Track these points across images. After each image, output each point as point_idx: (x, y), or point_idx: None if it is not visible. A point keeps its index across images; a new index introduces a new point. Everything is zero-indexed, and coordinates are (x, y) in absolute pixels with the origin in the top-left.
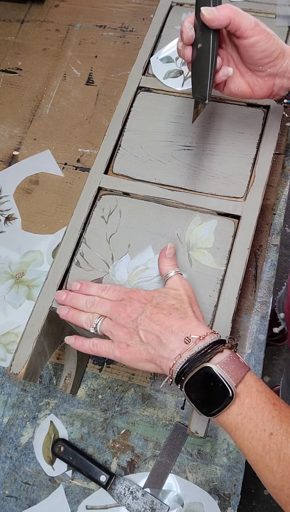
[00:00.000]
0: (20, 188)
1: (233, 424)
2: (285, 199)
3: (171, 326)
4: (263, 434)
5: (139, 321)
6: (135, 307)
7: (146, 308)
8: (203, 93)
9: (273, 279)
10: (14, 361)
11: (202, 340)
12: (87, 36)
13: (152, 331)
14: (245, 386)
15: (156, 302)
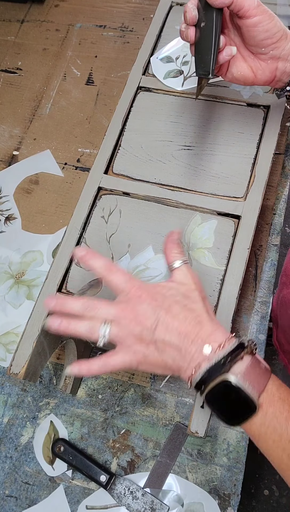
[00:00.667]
0: (20, 188)
1: (256, 434)
2: (285, 199)
3: (188, 333)
4: (288, 444)
5: (154, 330)
6: (147, 312)
7: (159, 313)
8: (206, 68)
9: (273, 279)
10: (14, 361)
11: (222, 349)
12: (87, 36)
13: (170, 341)
14: (267, 395)
15: (168, 305)
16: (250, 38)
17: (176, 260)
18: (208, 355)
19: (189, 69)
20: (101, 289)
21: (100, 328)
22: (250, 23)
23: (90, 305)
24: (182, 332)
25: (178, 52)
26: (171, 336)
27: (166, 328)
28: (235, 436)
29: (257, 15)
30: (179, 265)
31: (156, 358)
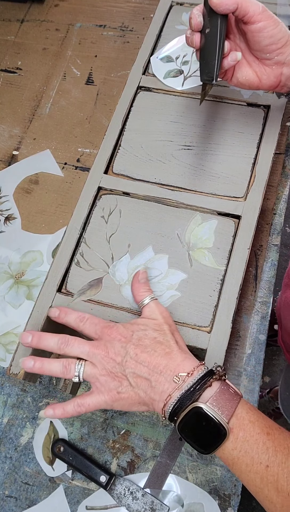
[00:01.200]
0: (19, 188)
1: (229, 459)
2: (285, 199)
3: (158, 365)
4: (260, 467)
5: (124, 364)
6: (117, 349)
7: (129, 348)
8: (210, 73)
9: (274, 279)
10: (14, 361)
11: (190, 376)
12: (87, 35)
13: (140, 374)
14: (237, 419)
15: (137, 338)
16: (255, 43)
17: (144, 298)
18: (177, 384)
19: (189, 69)
20: (101, 289)
21: (74, 367)
22: (255, 28)
23: (65, 341)
24: (151, 363)
25: (178, 51)
26: (141, 368)
27: (135, 361)
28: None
29: (262, 20)
30: (148, 302)
31: (129, 393)
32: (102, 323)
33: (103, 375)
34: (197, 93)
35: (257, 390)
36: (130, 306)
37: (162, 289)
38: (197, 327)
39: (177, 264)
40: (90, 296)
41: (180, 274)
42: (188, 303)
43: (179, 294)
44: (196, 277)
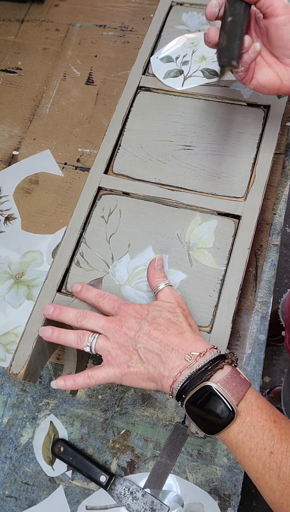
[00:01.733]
0: (20, 188)
1: (233, 442)
2: (285, 199)
3: (170, 343)
4: (263, 452)
5: (137, 338)
6: (131, 324)
7: (143, 324)
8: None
9: (274, 279)
10: (14, 361)
11: (202, 356)
12: (87, 35)
13: (152, 349)
14: (246, 403)
15: (152, 317)
16: (278, 38)
17: (159, 283)
18: (189, 363)
19: (189, 69)
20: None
21: (88, 338)
22: (279, 21)
23: (82, 315)
24: (163, 341)
25: (178, 51)
26: (153, 344)
27: (148, 337)
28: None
29: (286, 14)
30: (163, 287)
31: (139, 368)
32: (120, 300)
33: (114, 348)
34: (198, 93)
35: (257, 390)
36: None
37: None
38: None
39: (177, 264)
40: None
41: (180, 274)
42: (188, 303)
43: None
44: (196, 277)
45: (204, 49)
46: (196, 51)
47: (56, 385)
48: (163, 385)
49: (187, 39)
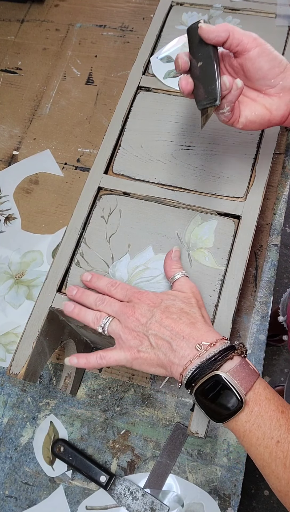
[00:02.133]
0: (20, 188)
1: (241, 431)
2: (285, 199)
3: (181, 331)
4: (270, 441)
5: (148, 325)
6: (144, 310)
7: (155, 312)
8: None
9: (273, 279)
10: (14, 361)
11: (213, 346)
12: (87, 35)
13: (162, 336)
14: (254, 394)
15: (165, 306)
16: (257, 71)
17: (176, 273)
18: (199, 352)
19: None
20: None
21: (103, 319)
22: (253, 55)
23: (101, 299)
24: (174, 329)
25: (178, 51)
26: (164, 331)
27: (160, 324)
28: (235, 436)
29: (258, 45)
30: (179, 277)
31: (149, 353)
32: (133, 288)
33: (125, 333)
34: None
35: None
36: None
37: (162, 289)
38: None
39: None
40: None
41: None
42: None
43: None
44: (196, 277)
45: None
46: None
47: (70, 362)
48: (173, 372)
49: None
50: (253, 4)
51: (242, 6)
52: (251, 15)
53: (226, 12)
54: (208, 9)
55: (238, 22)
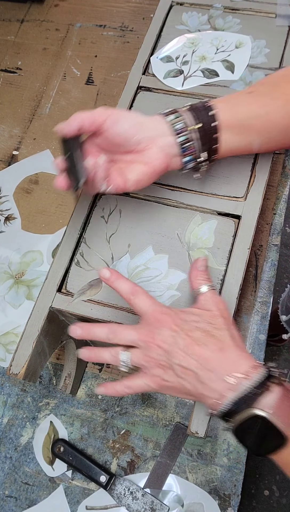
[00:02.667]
0: (19, 188)
1: (284, 463)
2: (285, 199)
3: (209, 361)
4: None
5: (172, 353)
6: (166, 336)
7: (178, 337)
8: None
9: (274, 279)
10: (14, 361)
11: (248, 379)
12: (87, 35)
13: (188, 367)
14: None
15: (188, 329)
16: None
17: (201, 286)
18: (232, 385)
19: (189, 69)
20: (101, 289)
21: (121, 356)
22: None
23: (113, 331)
24: (201, 357)
25: (178, 51)
26: (189, 361)
27: (184, 353)
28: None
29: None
30: (205, 290)
31: (174, 383)
32: (153, 305)
33: (148, 361)
34: (198, 93)
35: None
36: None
37: (162, 289)
38: None
39: (177, 264)
40: (90, 296)
41: (180, 274)
42: (188, 303)
43: (179, 294)
44: None
45: (204, 49)
46: (196, 51)
47: (98, 392)
48: (205, 403)
49: (187, 39)
50: (253, 4)
51: (242, 6)
52: (251, 15)
53: (226, 12)
54: (208, 9)
55: (238, 22)
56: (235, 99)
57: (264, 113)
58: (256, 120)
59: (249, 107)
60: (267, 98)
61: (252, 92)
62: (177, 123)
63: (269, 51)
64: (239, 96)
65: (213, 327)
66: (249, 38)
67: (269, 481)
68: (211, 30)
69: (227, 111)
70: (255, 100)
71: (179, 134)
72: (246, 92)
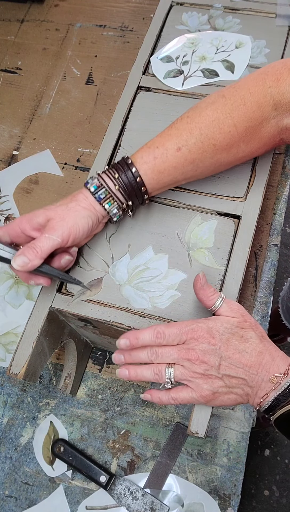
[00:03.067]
0: (20, 188)
1: None
2: (285, 199)
3: (252, 366)
4: None
5: (219, 367)
6: (207, 351)
7: (219, 349)
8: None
9: (274, 279)
10: (14, 361)
11: (286, 377)
12: (87, 35)
13: (236, 375)
14: None
15: (226, 339)
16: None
17: (215, 301)
18: (274, 385)
19: (189, 69)
20: (101, 289)
21: (164, 373)
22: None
23: (153, 353)
24: (246, 364)
25: (178, 52)
26: (236, 370)
27: (230, 363)
28: (235, 436)
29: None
30: (220, 304)
31: (226, 393)
32: (181, 330)
33: (194, 377)
34: (198, 93)
35: None
36: (130, 306)
37: (162, 289)
38: None
39: (177, 264)
40: (90, 296)
41: (180, 274)
42: (188, 303)
43: (179, 294)
44: None
45: (204, 49)
46: (196, 51)
47: (144, 398)
48: (249, 402)
49: (187, 39)
50: (253, 4)
51: (242, 6)
52: (251, 15)
53: (226, 12)
54: (208, 9)
55: (238, 22)
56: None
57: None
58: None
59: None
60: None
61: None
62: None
63: (269, 51)
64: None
65: (245, 331)
66: (249, 38)
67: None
68: (211, 30)
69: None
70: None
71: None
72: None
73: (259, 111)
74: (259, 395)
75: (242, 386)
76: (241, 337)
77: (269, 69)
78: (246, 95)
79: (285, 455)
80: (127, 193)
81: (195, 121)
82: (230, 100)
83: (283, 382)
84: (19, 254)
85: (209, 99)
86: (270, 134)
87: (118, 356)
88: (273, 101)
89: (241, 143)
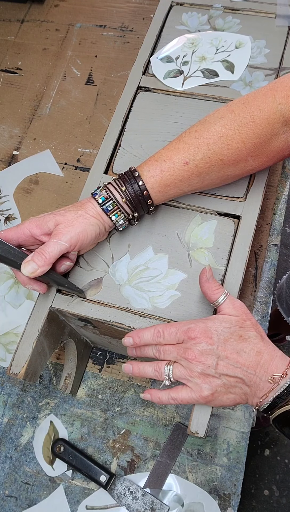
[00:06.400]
0: (20, 188)
1: None
2: (285, 199)
3: (250, 366)
4: None
5: (216, 366)
6: (205, 350)
7: (217, 350)
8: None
9: (273, 279)
10: (14, 361)
11: (285, 377)
12: (87, 36)
13: (234, 374)
14: None
15: (224, 338)
16: (86, 246)
17: (219, 296)
18: (273, 385)
19: (189, 69)
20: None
21: (163, 370)
22: (80, 247)
23: (158, 349)
24: (244, 364)
25: (178, 52)
26: (234, 370)
27: (227, 363)
28: (235, 436)
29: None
30: (224, 299)
31: (224, 392)
32: (179, 329)
33: (193, 377)
34: (198, 94)
35: None
36: (130, 306)
37: (162, 289)
38: None
39: (177, 264)
40: (90, 296)
41: (180, 274)
42: (188, 303)
43: (179, 294)
44: (196, 277)
45: (204, 49)
46: (196, 51)
47: (143, 397)
48: (249, 402)
49: (187, 39)
50: (253, 4)
51: (242, 6)
52: (251, 15)
53: (226, 12)
54: (208, 9)
55: (238, 22)
56: (168, 178)
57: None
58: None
59: (181, 185)
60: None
61: (188, 164)
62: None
63: (269, 51)
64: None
65: (244, 331)
66: (249, 38)
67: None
68: (211, 30)
69: (159, 194)
70: (190, 173)
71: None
72: (182, 164)
73: (269, 128)
74: (258, 395)
75: (240, 385)
76: (240, 337)
77: (278, 84)
78: (256, 112)
79: (285, 455)
80: (133, 205)
81: (203, 136)
82: (239, 116)
83: (282, 383)
84: (28, 260)
85: (218, 114)
86: (279, 148)
87: (128, 367)
88: (283, 118)
89: (249, 158)
